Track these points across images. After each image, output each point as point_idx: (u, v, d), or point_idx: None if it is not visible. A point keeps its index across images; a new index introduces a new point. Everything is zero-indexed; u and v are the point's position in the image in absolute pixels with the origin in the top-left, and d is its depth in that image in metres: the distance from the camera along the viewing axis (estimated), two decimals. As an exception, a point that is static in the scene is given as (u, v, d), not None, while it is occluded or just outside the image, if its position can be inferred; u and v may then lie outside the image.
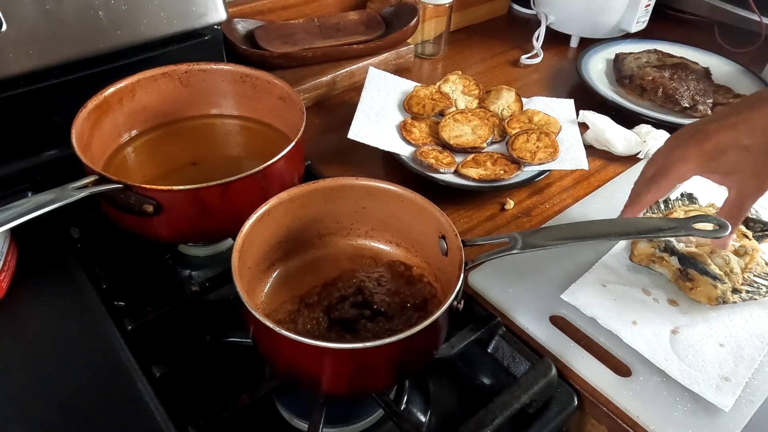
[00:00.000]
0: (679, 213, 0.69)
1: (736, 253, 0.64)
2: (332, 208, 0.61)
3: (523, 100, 0.91)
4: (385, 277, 0.60)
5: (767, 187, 0.56)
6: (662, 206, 0.72)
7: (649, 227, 0.56)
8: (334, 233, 0.63)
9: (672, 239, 0.64)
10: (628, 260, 0.67)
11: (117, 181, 0.56)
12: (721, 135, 0.56)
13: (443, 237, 0.55)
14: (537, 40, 1.13)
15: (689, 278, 0.62)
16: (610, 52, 1.07)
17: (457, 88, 0.92)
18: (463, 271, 0.50)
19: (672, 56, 1.05)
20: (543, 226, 0.74)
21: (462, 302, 0.52)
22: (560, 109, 0.89)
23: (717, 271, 0.62)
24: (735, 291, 0.61)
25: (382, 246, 0.64)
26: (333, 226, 0.63)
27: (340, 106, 0.96)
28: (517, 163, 0.79)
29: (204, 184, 0.56)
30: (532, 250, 0.54)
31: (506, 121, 0.86)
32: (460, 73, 0.94)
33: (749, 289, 0.62)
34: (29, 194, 0.70)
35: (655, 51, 1.06)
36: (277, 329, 0.44)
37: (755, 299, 0.61)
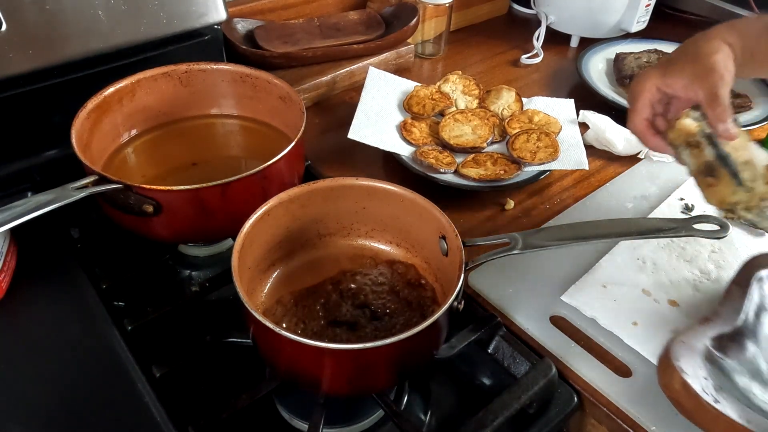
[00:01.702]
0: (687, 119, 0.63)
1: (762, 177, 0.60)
2: (332, 208, 0.61)
3: (524, 100, 0.91)
4: (385, 277, 0.60)
5: (729, 77, 0.58)
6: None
7: (649, 227, 0.56)
8: (334, 233, 0.63)
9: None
10: (630, 261, 0.67)
11: (117, 181, 0.56)
12: (670, 54, 0.64)
13: (443, 237, 0.55)
14: (537, 39, 1.13)
15: (713, 175, 0.58)
16: (611, 51, 1.07)
17: (457, 88, 0.91)
18: (463, 271, 0.50)
19: (672, 56, 1.05)
20: (543, 226, 0.73)
21: (462, 303, 0.52)
22: (560, 109, 0.89)
23: (745, 176, 0.58)
24: (747, 209, 0.58)
25: (382, 246, 0.64)
26: (333, 226, 0.63)
27: (340, 106, 0.96)
28: (518, 163, 0.79)
29: (204, 184, 0.56)
30: (533, 251, 0.54)
31: (506, 121, 0.86)
32: (460, 73, 0.93)
33: (759, 212, 0.59)
34: (29, 194, 0.70)
35: (656, 51, 1.06)
36: (276, 329, 0.44)
37: (758, 226, 0.59)
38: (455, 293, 0.48)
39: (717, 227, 0.55)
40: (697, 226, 0.55)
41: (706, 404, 0.48)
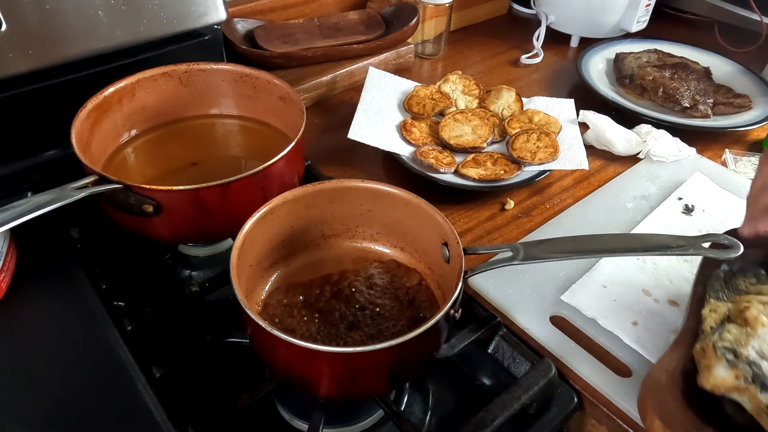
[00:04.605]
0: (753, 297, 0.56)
1: None
2: (337, 209, 0.61)
3: (524, 99, 0.91)
4: (387, 280, 0.60)
5: None
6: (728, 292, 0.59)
7: (656, 244, 0.54)
8: (339, 235, 0.63)
9: (762, 366, 0.49)
10: (630, 261, 0.67)
11: (117, 182, 0.56)
12: None
13: (446, 244, 0.55)
14: (537, 39, 1.13)
15: None
16: (611, 51, 1.07)
17: (457, 88, 0.91)
18: (461, 280, 0.49)
19: (672, 56, 1.05)
20: (546, 237, 0.73)
21: (459, 311, 0.51)
22: (560, 109, 0.89)
23: None
24: None
25: (386, 250, 0.63)
26: (338, 228, 0.63)
27: (340, 106, 0.96)
28: (518, 163, 0.79)
29: (204, 184, 0.56)
30: (533, 262, 0.54)
31: (506, 121, 0.86)
32: (460, 72, 0.93)
33: None
34: (29, 194, 0.70)
35: (656, 51, 1.06)
36: (269, 329, 0.44)
37: None
38: (452, 301, 0.48)
39: (727, 246, 0.53)
40: (705, 244, 0.53)
41: None
